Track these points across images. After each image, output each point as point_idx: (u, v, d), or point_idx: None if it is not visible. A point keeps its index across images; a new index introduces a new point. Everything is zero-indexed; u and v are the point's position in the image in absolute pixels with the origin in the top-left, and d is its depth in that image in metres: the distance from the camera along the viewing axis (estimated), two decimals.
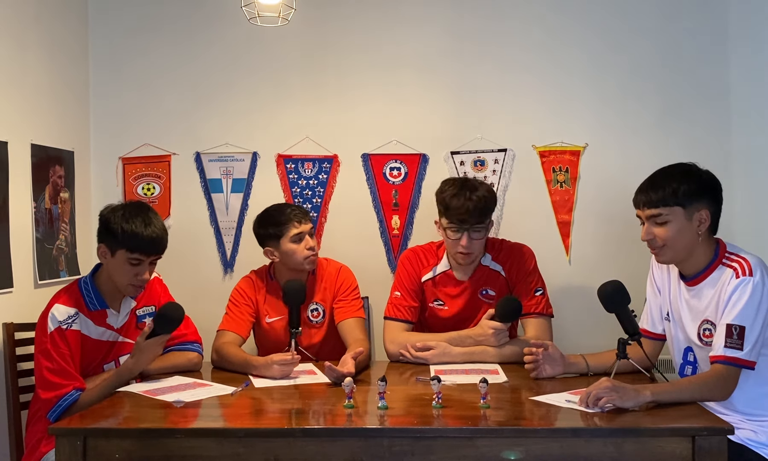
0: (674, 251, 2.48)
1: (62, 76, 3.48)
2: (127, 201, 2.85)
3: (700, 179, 2.49)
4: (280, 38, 3.63)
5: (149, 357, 2.70)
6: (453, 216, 2.91)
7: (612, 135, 3.64)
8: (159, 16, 3.74)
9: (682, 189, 2.45)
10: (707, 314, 2.46)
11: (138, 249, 2.66)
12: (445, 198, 2.94)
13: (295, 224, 3.06)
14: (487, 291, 3.09)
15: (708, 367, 2.40)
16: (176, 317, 2.74)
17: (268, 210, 3.19)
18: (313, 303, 3.16)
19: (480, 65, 3.67)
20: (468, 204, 2.89)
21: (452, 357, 2.91)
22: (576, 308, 3.50)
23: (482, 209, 2.92)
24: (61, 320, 2.63)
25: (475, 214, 2.90)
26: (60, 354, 2.60)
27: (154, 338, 2.67)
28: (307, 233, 3.09)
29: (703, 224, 2.46)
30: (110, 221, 2.68)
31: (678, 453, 2.05)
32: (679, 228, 2.45)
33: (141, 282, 2.72)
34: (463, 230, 2.92)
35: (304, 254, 3.07)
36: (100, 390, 2.60)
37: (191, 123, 3.74)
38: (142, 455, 2.15)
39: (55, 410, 2.56)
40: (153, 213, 2.74)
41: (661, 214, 2.46)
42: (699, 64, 3.59)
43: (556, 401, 2.34)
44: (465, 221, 2.90)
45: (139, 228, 2.65)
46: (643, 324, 2.71)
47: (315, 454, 2.12)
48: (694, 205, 2.45)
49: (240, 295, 3.14)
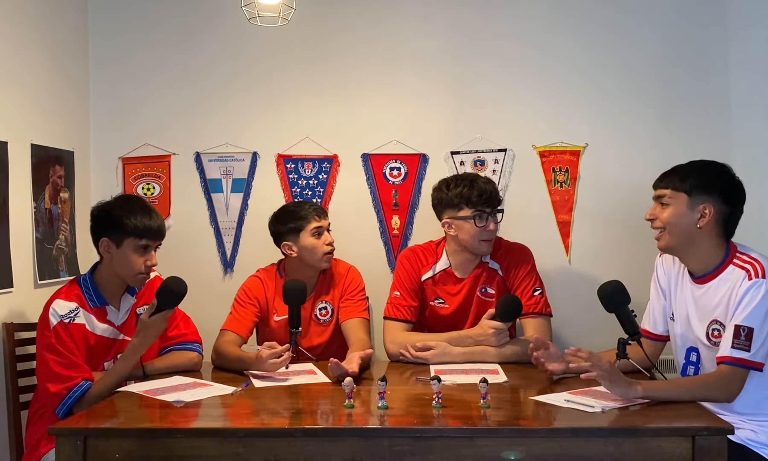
0: (670, 237, 2.50)
1: (62, 76, 3.48)
2: (118, 195, 2.91)
3: (717, 177, 2.51)
4: (280, 38, 3.63)
5: (154, 333, 2.71)
6: (478, 202, 3.00)
7: (612, 135, 3.64)
8: (159, 16, 3.74)
9: (692, 179, 2.49)
10: (716, 315, 2.45)
11: (146, 235, 2.72)
12: (461, 192, 3.02)
13: (315, 217, 3.12)
14: (487, 289, 3.10)
15: (713, 367, 2.40)
16: (179, 292, 2.73)
17: (286, 206, 3.27)
18: (322, 301, 3.17)
19: (480, 65, 3.67)
20: (488, 187, 3.02)
21: (452, 356, 2.91)
22: (576, 308, 3.50)
23: (497, 191, 3.08)
24: (62, 314, 2.64)
25: (496, 194, 3.05)
26: (65, 347, 2.60)
27: (158, 314, 2.68)
28: (326, 228, 3.15)
29: (704, 218, 2.46)
30: (111, 213, 2.73)
31: (678, 453, 2.05)
32: (678, 214, 2.48)
33: (148, 270, 2.77)
34: (487, 213, 3.00)
35: (324, 249, 3.11)
36: (109, 379, 2.62)
37: (191, 123, 3.74)
38: (142, 455, 2.15)
39: (65, 403, 2.55)
40: (147, 202, 2.85)
41: (665, 195, 2.52)
42: (699, 64, 3.59)
43: (556, 401, 2.35)
44: (490, 202, 3.01)
45: (143, 216, 2.73)
46: (644, 325, 2.71)
47: (315, 454, 2.12)
48: (699, 197, 2.47)
49: (246, 295, 3.14)
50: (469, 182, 3.03)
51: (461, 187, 3.03)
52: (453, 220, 3.04)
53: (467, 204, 3.01)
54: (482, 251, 3.07)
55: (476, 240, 3.02)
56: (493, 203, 3.03)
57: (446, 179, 3.13)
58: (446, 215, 3.07)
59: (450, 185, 3.06)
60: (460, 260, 3.11)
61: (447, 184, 3.09)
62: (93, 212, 2.80)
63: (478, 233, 3.01)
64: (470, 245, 3.04)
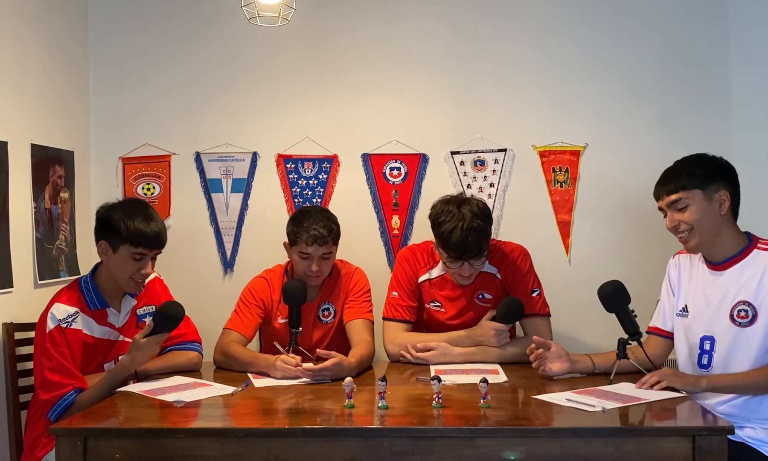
0: (701, 234, 2.51)
1: (62, 76, 3.48)
2: (125, 198, 2.85)
3: (714, 161, 2.55)
4: (280, 38, 3.63)
5: (146, 355, 2.69)
6: (451, 251, 2.86)
7: (612, 135, 3.64)
8: (159, 16, 3.74)
9: (698, 172, 2.51)
10: (743, 296, 2.47)
11: (142, 244, 2.69)
12: (442, 232, 2.86)
13: (305, 243, 3.00)
14: (483, 295, 3.08)
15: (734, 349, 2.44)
16: (176, 316, 2.74)
17: (301, 211, 3.14)
18: (325, 303, 3.16)
19: (480, 65, 3.67)
20: (466, 238, 2.81)
21: (453, 357, 2.91)
22: (576, 308, 3.50)
23: (480, 243, 2.85)
24: (60, 318, 2.63)
25: (474, 248, 2.84)
26: (59, 352, 2.60)
27: (152, 337, 2.67)
28: (318, 256, 3.02)
29: (723, 204, 2.50)
30: (112, 217, 2.71)
31: (678, 453, 2.05)
32: (701, 210, 2.49)
33: (142, 277, 2.74)
34: (462, 260, 2.88)
35: (306, 271, 3.05)
36: (97, 391, 2.60)
37: (191, 123, 3.74)
38: (142, 455, 2.14)
39: (54, 410, 2.56)
40: (151, 209, 2.80)
41: (681, 198, 2.51)
42: (699, 64, 3.59)
43: (557, 400, 2.34)
44: (462, 254, 2.86)
45: (142, 223, 2.69)
46: (656, 323, 2.72)
47: (315, 454, 2.12)
48: (711, 186, 2.50)
49: (251, 295, 3.13)
50: (452, 226, 2.82)
51: (445, 226, 2.85)
52: (436, 249, 3.01)
53: (442, 246, 2.89)
54: (459, 282, 3.03)
55: (454, 275, 3.01)
56: (468, 255, 2.85)
57: (444, 202, 2.96)
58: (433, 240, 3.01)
59: (439, 216, 2.90)
60: None
61: (439, 211, 2.92)
62: (96, 212, 2.79)
63: (452, 272, 2.98)
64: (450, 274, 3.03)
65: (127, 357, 2.67)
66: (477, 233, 2.83)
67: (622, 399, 2.33)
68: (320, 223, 3.02)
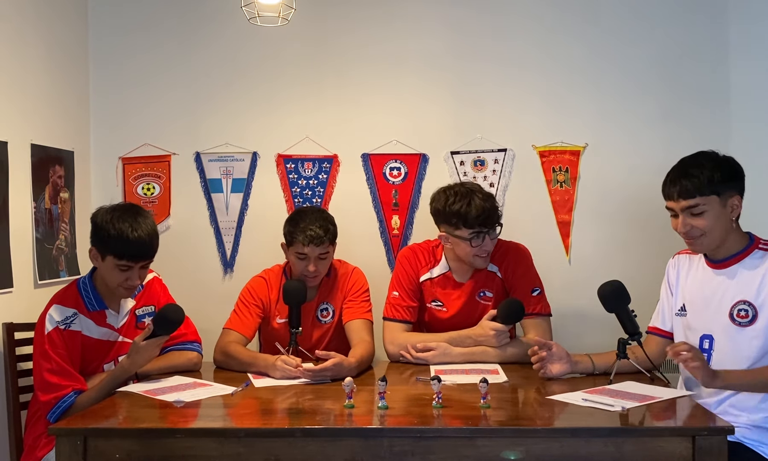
0: (711, 239, 2.49)
1: (62, 76, 3.48)
2: (118, 204, 2.78)
3: (729, 165, 2.51)
4: (280, 38, 3.63)
5: (145, 358, 2.69)
6: (475, 223, 2.91)
7: (612, 135, 3.64)
8: (159, 16, 3.74)
9: (716, 177, 2.45)
10: (744, 295, 2.46)
11: (125, 256, 2.64)
12: (459, 210, 2.92)
13: (302, 244, 3.01)
14: (485, 293, 3.08)
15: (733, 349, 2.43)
16: (176, 319, 2.73)
17: (298, 212, 3.16)
18: (324, 303, 3.16)
19: (480, 65, 3.67)
20: (486, 205, 2.92)
21: (453, 357, 2.91)
22: (576, 308, 3.50)
23: (495, 208, 2.97)
24: (59, 320, 2.63)
25: (494, 211, 2.95)
26: (58, 354, 2.59)
27: (151, 340, 2.67)
28: (315, 256, 3.03)
29: (735, 210, 2.48)
30: (99, 226, 2.67)
31: (678, 453, 2.05)
32: (716, 216, 2.46)
33: (131, 287, 2.72)
34: (484, 233, 2.93)
35: (303, 272, 3.06)
36: (96, 392, 2.60)
37: (191, 123, 3.75)
38: (142, 455, 2.14)
39: (54, 412, 2.56)
40: (143, 217, 2.70)
41: (698, 204, 2.45)
42: (699, 64, 3.59)
43: (574, 400, 2.32)
44: (487, 222, 2.93)
45: (125, 235, 2.62)
46: (655, 323, 2.71)
47: (315, 454, 2.12)
48: (727, 192, 2.47)
49: (250, 295, 3.13)
50: (467, 201, 2.92)
51: (459, 204, 2.92)
52: (450, 235, 3.00)
53: (464, 224, 2.93)
54: (478, 265, 3.03)
55: (472, 256, 3.00)
56: (491, 222, 2.94)
57: (445, 190, 3.02)
58: (443, 228, 3.02)
59: (448, 199, 2.96)
60: (459, 265, 3.09)
61: (446, 197, 2.98)
62: (91, 217, 2.76)
63: (473, 251, 2.98)
64: (466, 260, 3.02)
65: (126, 360, 2.67)
66: (491, 199, 2.97)
67: (637, 397, 2.32)
68: (316, 223, 3.03)
